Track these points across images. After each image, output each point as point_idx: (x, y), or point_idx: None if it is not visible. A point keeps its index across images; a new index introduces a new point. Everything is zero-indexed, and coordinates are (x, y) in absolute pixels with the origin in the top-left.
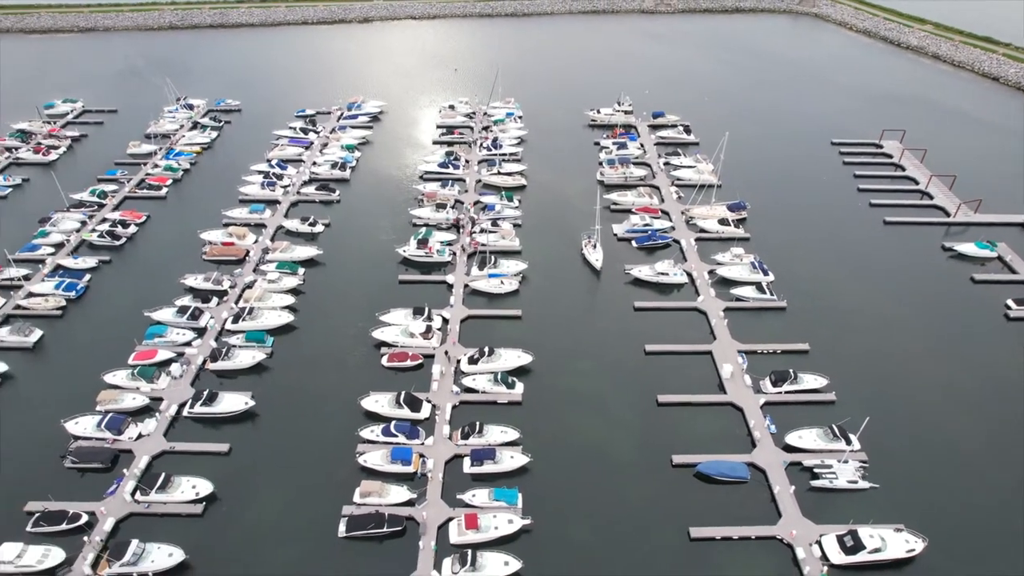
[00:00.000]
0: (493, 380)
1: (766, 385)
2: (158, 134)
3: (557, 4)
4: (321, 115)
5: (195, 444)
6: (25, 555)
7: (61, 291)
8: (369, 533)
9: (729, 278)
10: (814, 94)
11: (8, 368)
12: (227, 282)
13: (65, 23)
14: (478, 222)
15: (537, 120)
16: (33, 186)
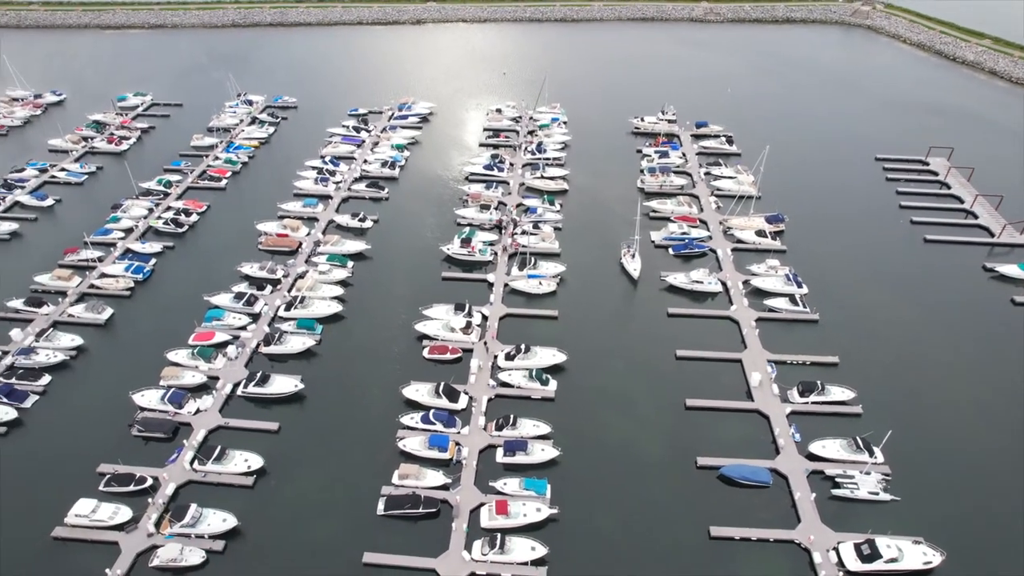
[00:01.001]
0: (528, 376)
1: (793, 395)
2: (219, 128)
3: (607, 11)
4: (373, 114)
5: (248, 421)
6: (98, 511)
7: (130, 273)
8: (405, 513)
9: (763, 289)
10: (861, 108)
11: (83, 342)
12: (280, 272)
13: (137, 20)
14: (520, 224)
15: (581, 126)
16: (106, 174)
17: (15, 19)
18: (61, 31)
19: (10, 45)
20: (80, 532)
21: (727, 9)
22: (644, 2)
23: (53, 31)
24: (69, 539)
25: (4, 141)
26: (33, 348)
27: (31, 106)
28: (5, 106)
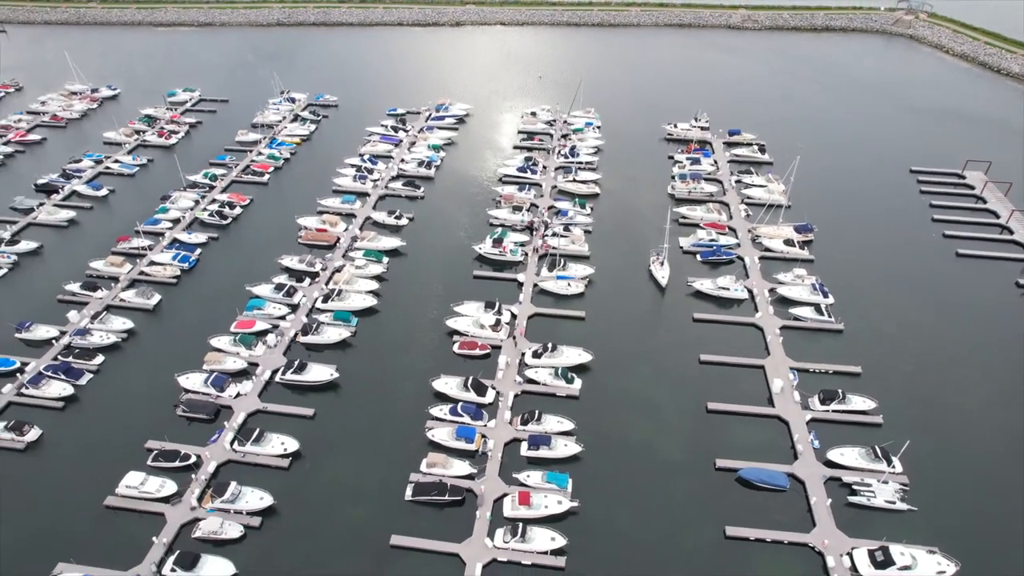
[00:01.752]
0: (554, 374)
1: (814, 402)
2: (263, 124)
3: (644, 16)
4: (411, 115)
5: (285, 407)
6: (146, 484)
7: (177, 262)
8: (432, 499)
9: (789, 297)
10: (898, 119)
11: (133, 326)
12: (319, 265)
13: (187, 18)
14: (551, 226)
15: (615, 131)
16: (156, 166)
17: (75, 16)
18: (117, 28)
19: (70, 41)
20: (129, 502)
21: (765, 16)
22: (681, 8)
23: (109, 28)
24: (120, 508)
25: (63, 133)
26: (88, 329)
27: (88, 100)
28: (64, 99)
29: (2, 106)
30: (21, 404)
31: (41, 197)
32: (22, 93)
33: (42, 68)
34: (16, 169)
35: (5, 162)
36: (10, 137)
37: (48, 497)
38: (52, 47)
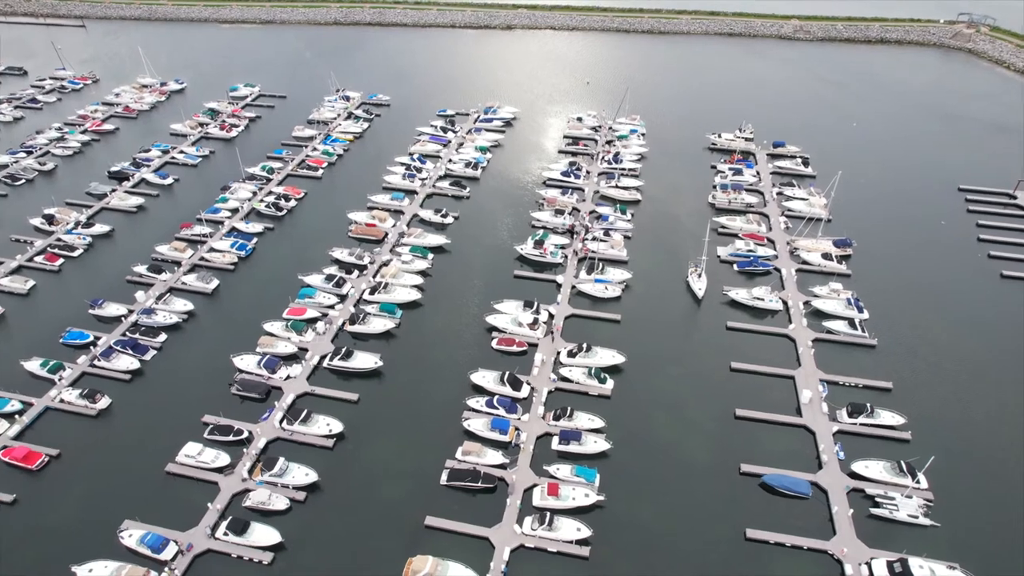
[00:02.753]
0: (587, 374)
1: (842, 415)
2: (319, 121)
3: (694, 24)
4: (460, 116)
5: (331, 390)
6: (203, 454)
7: (235, 249)
8: (466, 485)
9: (823, 311)
10: (951, 136)
11: (193, 307)
12: (367, 258)
13: (250, 15)
14: (591, 230)
15: (659, 138)
16: (217, 158)
17: (147, 12)
18: (185, 23)
19: (142, 35)
20: (188, 470)
21: (818, 27)
22: (732, 17)
23: (178, 23)
24: (179, 475)
25: (134, 124)
26: (153, 309)
27: (157, 92)
28: (136, 92)
29: (80, 97)
30: (93, 375)
31: (113, 184)
32: (98, 85)
33: (116, 61)
34: (92, 156)
35: (82, 150)
36: (87, 126)
37: (116, 460)
38: (126, 41)
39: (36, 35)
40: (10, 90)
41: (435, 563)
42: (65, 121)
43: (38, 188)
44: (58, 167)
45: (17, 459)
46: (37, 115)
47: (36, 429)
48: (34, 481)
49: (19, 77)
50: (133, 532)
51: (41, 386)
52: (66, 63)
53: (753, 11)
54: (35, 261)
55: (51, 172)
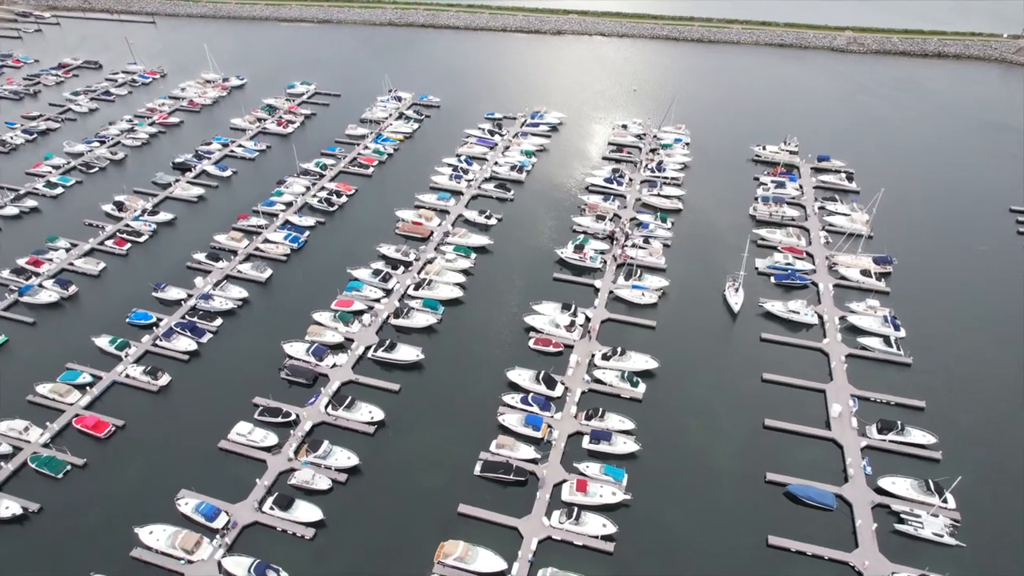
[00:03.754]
0: (620, 377)
1: (871, 431)
2: (371, 120)
3: (744, 34)
4: (507, 120)
5: (374, 380)
6: (252, 434)
7: (288, 241)
8: (498, 477)
9: (859, 327)
10: (1006, 155)
11: (248, 295)
12: (412, 255)
13: (308, 14)
14: (631, 237)
15: (703, 148)
16: (274, 152)
17: (212, 10)
18: (247, 21)
19: (206, 32)
20: (239, 448)
21: (872, 40)
22: (784, 28)
23: (240, 21)
24: (230, 451)
25: (198, 117)
26: (211, 295)
27: (220, 88)
28: (200, 87)
29: (149, 91)
30: (155, 353)
31: (177, 174)
32: (165, 80)
33: (183, 57)
34: (158, 148)
35: (150, 141)
36: (155, 119)
37: (174, 433)
38: (192, 38)
39: (110, 31)
40: (86, 83)
41: (466, 548)
42: (135, 113)
43: (109, 176)
44: (128, 157)
45: (88, 427)
46: (110, 107)
47: (104, 401)
48: (102, 448)
49: (95, 70)
50: (189, 500)
51: (109, 361)
52: (137, 58)
53: (806, 22)
54: (105, 245)
55: (121, 161)
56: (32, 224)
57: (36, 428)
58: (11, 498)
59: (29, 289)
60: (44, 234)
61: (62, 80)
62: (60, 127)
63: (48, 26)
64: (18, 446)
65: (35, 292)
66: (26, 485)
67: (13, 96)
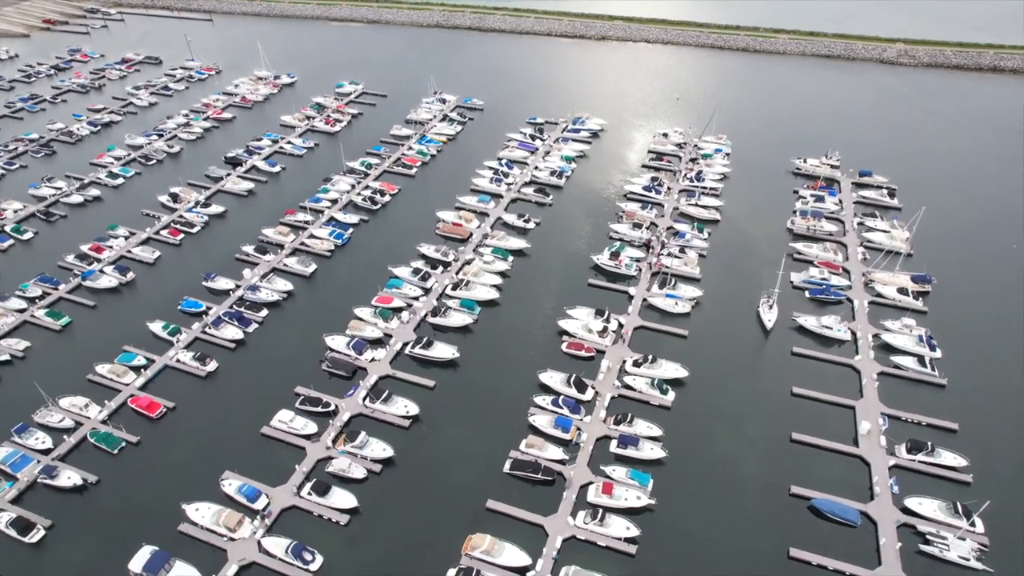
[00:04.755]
0: (650, 384)
1: (900, 450)
2: (415, 121)
3: (791, 45)
4: (549, 125)
5: (411, 375)
6: (294, 422)
7: (332, 237)
8: (527, 475)
9: (893, 345)
10: None
11: (292, 288)
12: (451, 256)
13: (358, 15)
14: (667, 246)
15: (743, 159)
16: (321, 150)
17: (267, 9)
18: (298, 20)
19: (260, 30)
20: (280, 434)
21: (924, 52)
22: (832, 38)
23: (292, 20)
24: (272, 437)
25: (250, 113)
26: (257, 286)
27: (271, 85)
28: (252, 84)
29: (204, 86)
30: (204, 340)
31: (228, 168)
32: (220, 76)
33: (237, 54)
34: (211, 142)
35: (204, 135)
36: (209, 114)
37: (220, 417)
38: (246, 35)
39: (171, 27)
40: (147, 77)
41: (492, 542)
42: (191, 108)
43: (166, 168)
44: (183, 150)
45: (142, 407)
46: (168, 101)
47: (156, 383)
48: (154, 428)
49: (155, 66)
50: (232, 482)
51: (161, 346)
52: (194, 55)
53: (855, 33)
54: (161, 234)
55: (177, 154)
56: (95, 212)
57: (95, 405)
58: (72, 469)
59: (91, 274)
60: (105, 222)
61: (125, 75)
62: (122, 120)
63: (113, 22)
64: (79, 421)
65: (96, 277)
66: (86, 458)
67: (80, 89)
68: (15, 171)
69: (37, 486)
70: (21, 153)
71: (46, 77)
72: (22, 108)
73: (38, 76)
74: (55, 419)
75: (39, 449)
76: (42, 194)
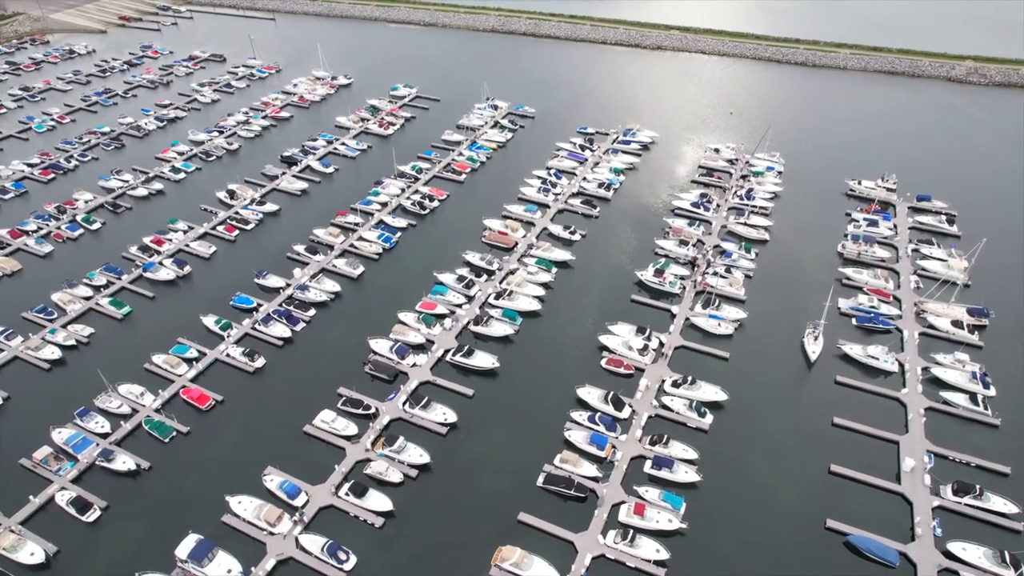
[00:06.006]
0: (688, 406)
1: (946, 491)
2: (467, 127)
3: (852, 60)
4: (599, 135)
5: (450, 383)
6: (335, 422)
7: (381, 240)
8: (559, 490)
9: (943, 380)
10: None
11: (340, 289)
12: (496, 264)
13: (415, 17)
14: (713, 264)
15: (796, 178)
16: (373, 153)
17: (327, 9)
18: (357, 21)
19: (320, 30)
20: (322, 433)
21: (996, 71)
22: (897, 54)
23: (351, 21)
24: (314, 436)
25: (306, 113)
26: (307, 286)
27: (328, 86)
28: (310, 84)
29: (265, 85)
30: (254, 336)
31: (284, 167)
32: (280, 75)
33: (297, 54)
34: (269, 140)
35: (262, 133)
36: (268, 112)
37: (266, 413)
38: (306, 35)
39: (235, 25)
40: (211, 75)
41: (522, 555)
42: (251, 106)
43: (225, 165)
44: (242, 147)
45: (193, 399)
46: (230, 99)
47: (207, 375)
48: (203, 419)
49: (219, 63)
50: (274, 477)
51: (213, 340)
52: (257, 53)
53: (922, 48)
54: (217, 230)
55: (236, 151)
56: (157, 205)
57: (150, 394)
58: (127, 454)
59: (152, 266)
60: (166, 215)
61: (191, 71)
62: (186, 116)
63: (183, 20)
64: (135, 408)
65: (156, 269)
66: (140, 444)
67: (149, 85)
68: (88, 163)
69: (95, 468)
70: (93, 145)
71: (119, 72)
72: (96, 102)
73: (112, 71)
74: (114, 405)
75: (98, 432)
76: (111, 186)
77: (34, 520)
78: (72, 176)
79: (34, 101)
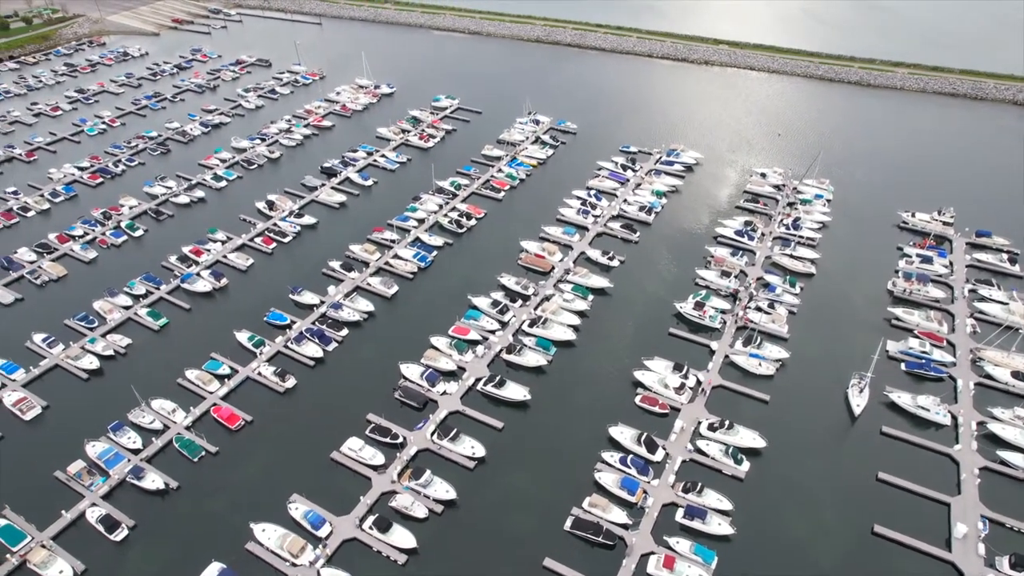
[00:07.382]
0: (724, 451)
1: (1003, 564)
2: (507, 142)
3: (910, 80)
4: (642, 154)
5: (480, 414)
6: (362, 451)
7: (416, 259)
8: (587, 536)
9: (1001, 437)
10: None
11: (373, 309)
12: (531, 289)
13: (460, 25)
14: (755, 298)
15: (846, 207)
16: (412, 166)
17: (372, 15)
18: (402, 28)
19: (365, 36)
20: (348, 462)
21: None
22: (959, 75)
23: (396, 27)
24: (340, 463)
25: (348, 122)
26: (340, 304)
27: (371, 95)
28: (353, 92)
29: (308, 92)
30: (285, 355)
31: (323, 178)
32: (323, 82)
33: (341, 60)
34: (310, 150)
35: (303, 142)
36: (310, 120)
37: (294, 437)
38: (351, 41)
39: (282, 29)
40: (256, 80)
41: None
42: (294, 113)
43: (266, 173)
44: (283, 156)
45: (223, 418)
46: (274, 105)
47: (238, 393)
48: (232, 439)
49: (264, 68)
50: (299, 506)
51: (246, 357)
52: (301, 59)
53: (986, 69)
54: (255, 241)
55: (277, 160)
56: (198, 213)
57: (181, 411)
58: (157, 472)
59: (189, 277)
60: (207, 224)
61: (238, 76)
62: (231, 122)
63: (233, 23)
64: (167, 424)
65: (193, 281)
66: (169, 462)
67: (197, 89)
68: (135, 167)
69: (125, 484)
70: (141, 150)
71: (169, 76)
72: (146, 105)
73: (162, 74)
74: (146, 420)
75: (130, 448)
76: (155, 192)
77: (64, 536)
78: (119, 181)
79: (88, 103)
